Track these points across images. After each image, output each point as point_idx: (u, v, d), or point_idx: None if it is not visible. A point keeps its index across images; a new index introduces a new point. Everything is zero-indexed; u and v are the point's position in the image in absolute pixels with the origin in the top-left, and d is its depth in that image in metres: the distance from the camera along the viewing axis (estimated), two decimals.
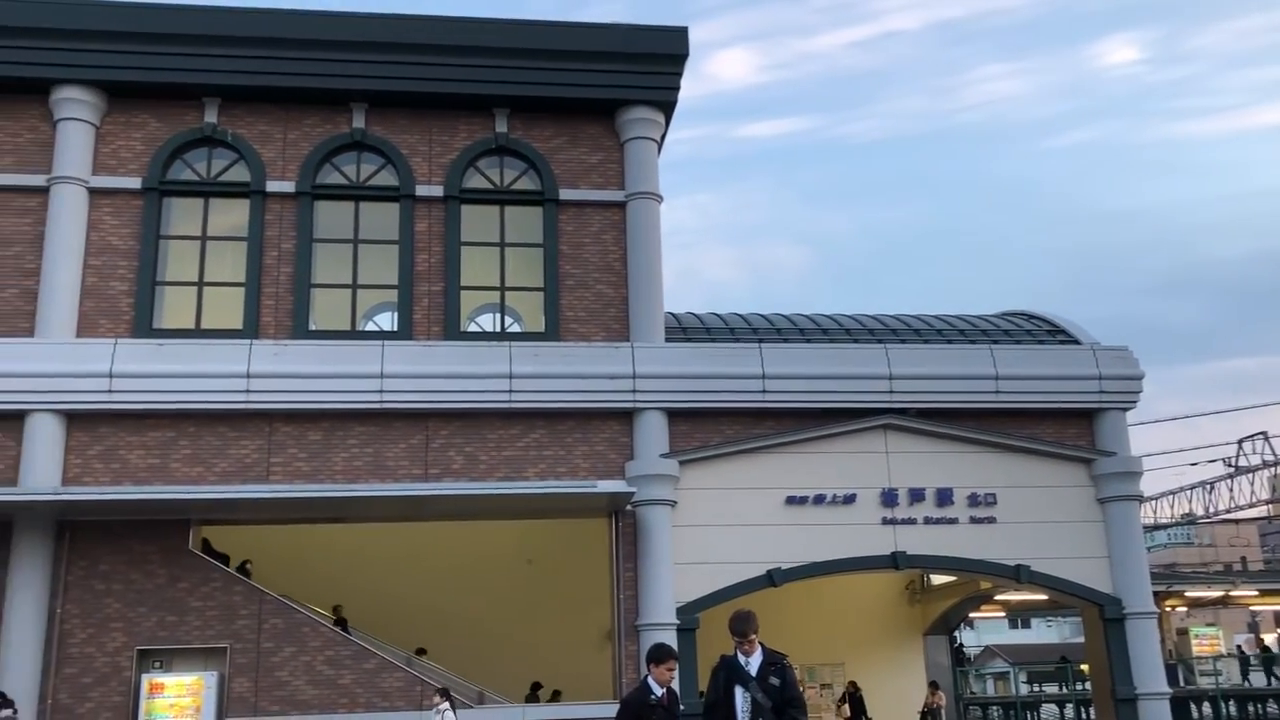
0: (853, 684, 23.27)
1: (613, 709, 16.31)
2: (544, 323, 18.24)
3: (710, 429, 17.97)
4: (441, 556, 20.59)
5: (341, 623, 17.96)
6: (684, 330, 19.15)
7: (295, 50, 17.88)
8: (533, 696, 19.47)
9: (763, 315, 20.22)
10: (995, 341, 19.46)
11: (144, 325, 17.09)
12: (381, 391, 16.97)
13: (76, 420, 16.52)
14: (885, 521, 18.02)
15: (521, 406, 17.37)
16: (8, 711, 14.52)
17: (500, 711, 16.85)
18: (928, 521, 18.09)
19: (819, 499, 17.90)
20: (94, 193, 17.49)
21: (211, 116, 18.08)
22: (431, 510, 17.32)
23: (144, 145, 17.88)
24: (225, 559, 17.16)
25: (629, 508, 17.21)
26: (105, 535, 16.13)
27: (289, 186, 18.00)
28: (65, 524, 16.09)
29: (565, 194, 18.67)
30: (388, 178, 18.45)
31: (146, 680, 15.60)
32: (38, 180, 17.34)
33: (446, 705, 14.96)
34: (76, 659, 15.72)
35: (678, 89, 18.98)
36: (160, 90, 17.87)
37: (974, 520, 18.19)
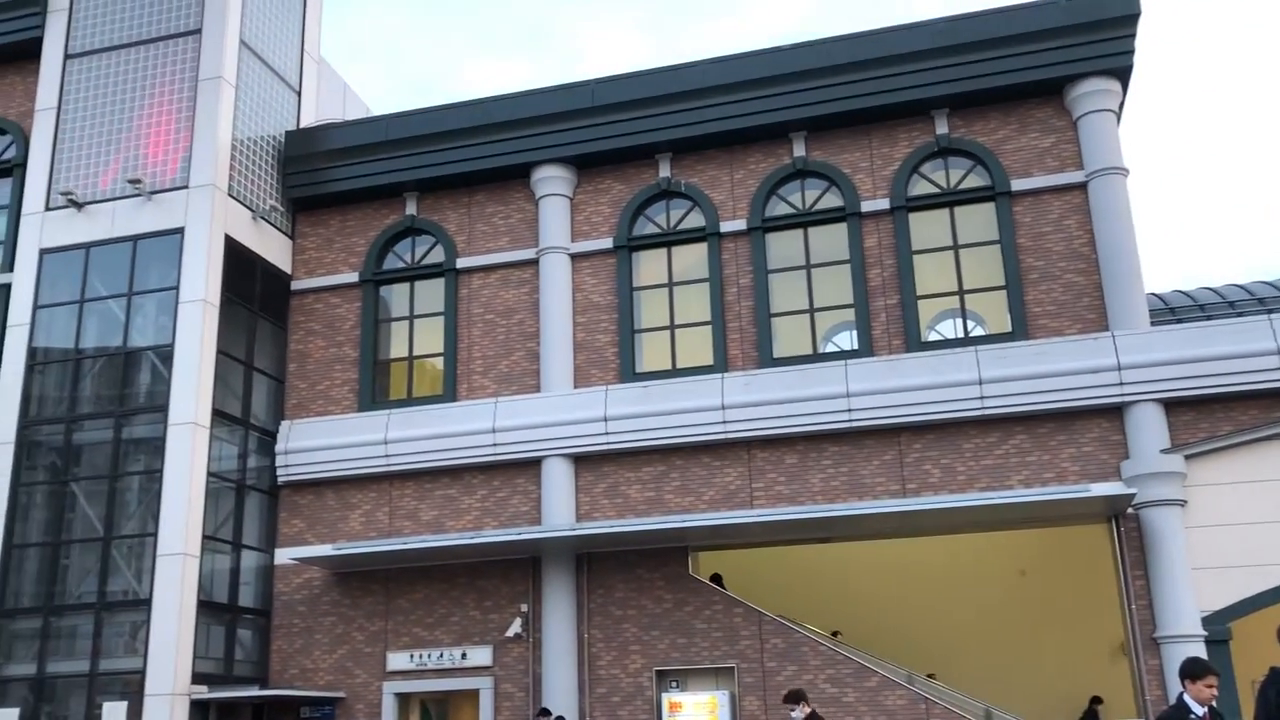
0: None
1: None
2: (1009, 322, 17.41)
3: (1219, 417, 16.09)
4: (927, 570, 20.26)
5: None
6: (1171, 310, 17.39)
7: (736, 93, 18.71)
8: (1090, 713, 18.61)
9: (1269, 283, 17.82)
10: None
11: (628, 371, 18.63)
12: (849, 410, 17.11)
13: (582, 462, 18.33)
14: None
15: (994, 412, 16.69)
16: None
17: None
18: None
19: None
20: (574, 257, 19.44)
21: (665, 171, 19.41)
22: (912, 525, 17.09)
23: (610, 208, 19.60)
24: (719, 579, 18.14)
25: (1130, 510, 15.87)
26: (616, 565, 17.71)
27: (740, 225, 18.81)
28: (582, 556, 17.88)
29: (1017, 184, 17.78)
30: (832, 199, 18.67)
31: (666, 699, 16.80)
32: (529, 254, 19.63)
33: None
34: (604, 679, 17.33)
35: (1132, 51, 17.39)
36: (619, 155, 19.50)
37: None
